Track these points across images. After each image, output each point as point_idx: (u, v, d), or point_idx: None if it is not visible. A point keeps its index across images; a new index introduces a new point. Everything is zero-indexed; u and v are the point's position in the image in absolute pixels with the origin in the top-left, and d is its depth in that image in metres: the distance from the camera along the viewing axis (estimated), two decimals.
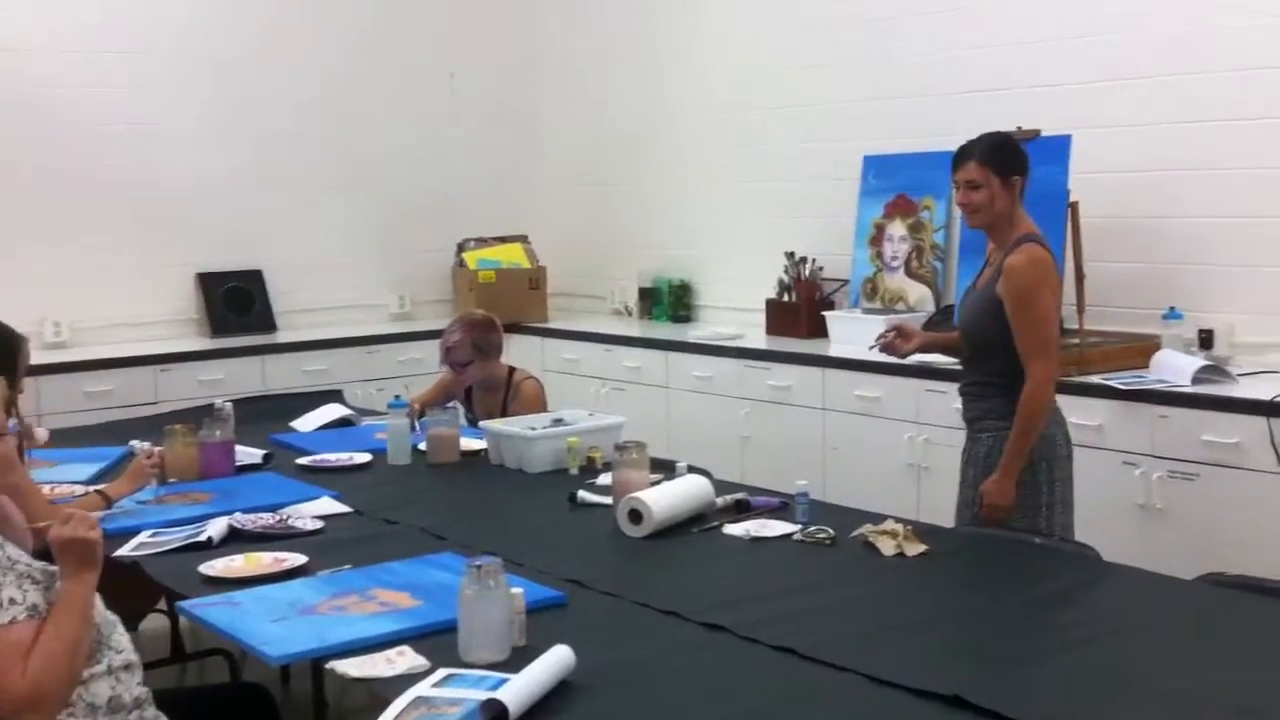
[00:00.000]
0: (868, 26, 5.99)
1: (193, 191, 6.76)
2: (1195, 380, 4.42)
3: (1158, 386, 4.44)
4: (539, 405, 4.87)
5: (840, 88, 6.12)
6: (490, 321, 4.98)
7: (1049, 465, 3.71)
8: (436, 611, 2.72)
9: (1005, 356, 3.69)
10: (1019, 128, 5.02)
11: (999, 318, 3.68)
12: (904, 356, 4.15)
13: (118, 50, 6.54)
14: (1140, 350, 4.73)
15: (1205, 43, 4.82)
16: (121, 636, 2.58)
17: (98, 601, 2.53)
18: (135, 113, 6.59)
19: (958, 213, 5.45)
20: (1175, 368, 4.52)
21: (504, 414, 4.84)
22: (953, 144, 5.51)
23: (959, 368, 4.86)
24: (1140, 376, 4.53)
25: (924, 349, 4.12)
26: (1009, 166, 3.74)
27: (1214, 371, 4.48)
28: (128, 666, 2.56)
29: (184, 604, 2.90)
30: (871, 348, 4.18)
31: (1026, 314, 3.64)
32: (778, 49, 6.41)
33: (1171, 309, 4.78)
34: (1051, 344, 3.70)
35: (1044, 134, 4.85)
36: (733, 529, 3.37)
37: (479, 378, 4.94)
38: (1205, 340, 4.79)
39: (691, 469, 3.75)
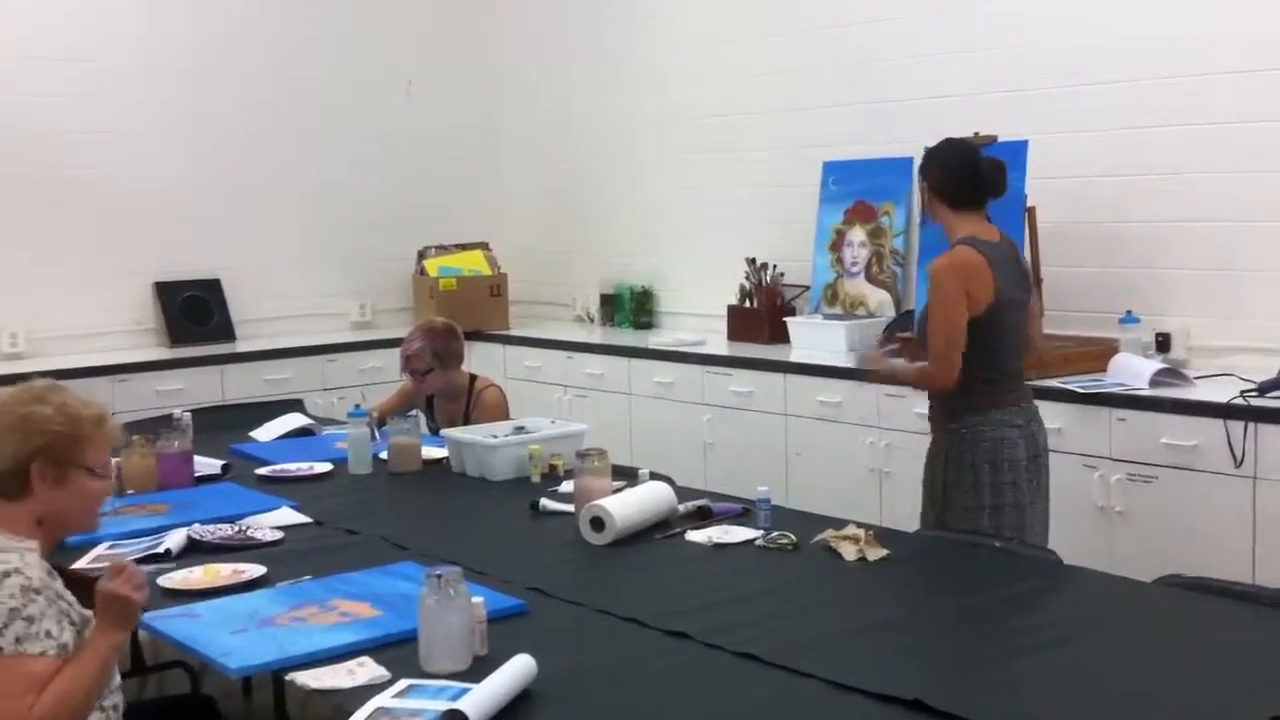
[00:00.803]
0: (826, 34, 6.01)
1: (150, 200, 6.71)
2: (1153, 383, 4.45)
3: (1116, 390, 4.47)
4: (501, 413, 4.86)
5: (800, 94, 6.14)
6: (450, 329, 4.96)
7: (992, 468, 3.73)
8: (397, 621, 2.71)
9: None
10: (976, 133, 5.05)
11: None
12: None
13: (74, 58, 6.48)
14: (1098, 354, 4.77)
15: (1161, 48, 4.86)
16: (117, 676, 2.59)
17: None
18: (91, 121, 6.54)
19: (917, 218, 5.51)
20: (1133, 371, 4.55)
21: (466, 422, 4.83)
22: (911, 150, 5.60)
23: None
24: (1098, 380, 4.57)
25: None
26: (927, 172, 3.92)
27: (1171, 375, 4.52)
28: (116, 706, 2.58)
29: (143, 616, 2.87)
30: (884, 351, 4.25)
31: (930, 316, 3.77)
32: (737, 56, 6.42)
33: (1129, 313, 4.82)
34: (946, 350, 3.70)
35: (1001, 139, 4.87)
36: (695, 535, 3.37)
37: (439, 386, 4.92)
38: (1162, 343, 4.83)
39: (654, 476, 3.75)
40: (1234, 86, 4.68)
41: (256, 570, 3.14)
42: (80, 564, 3.23)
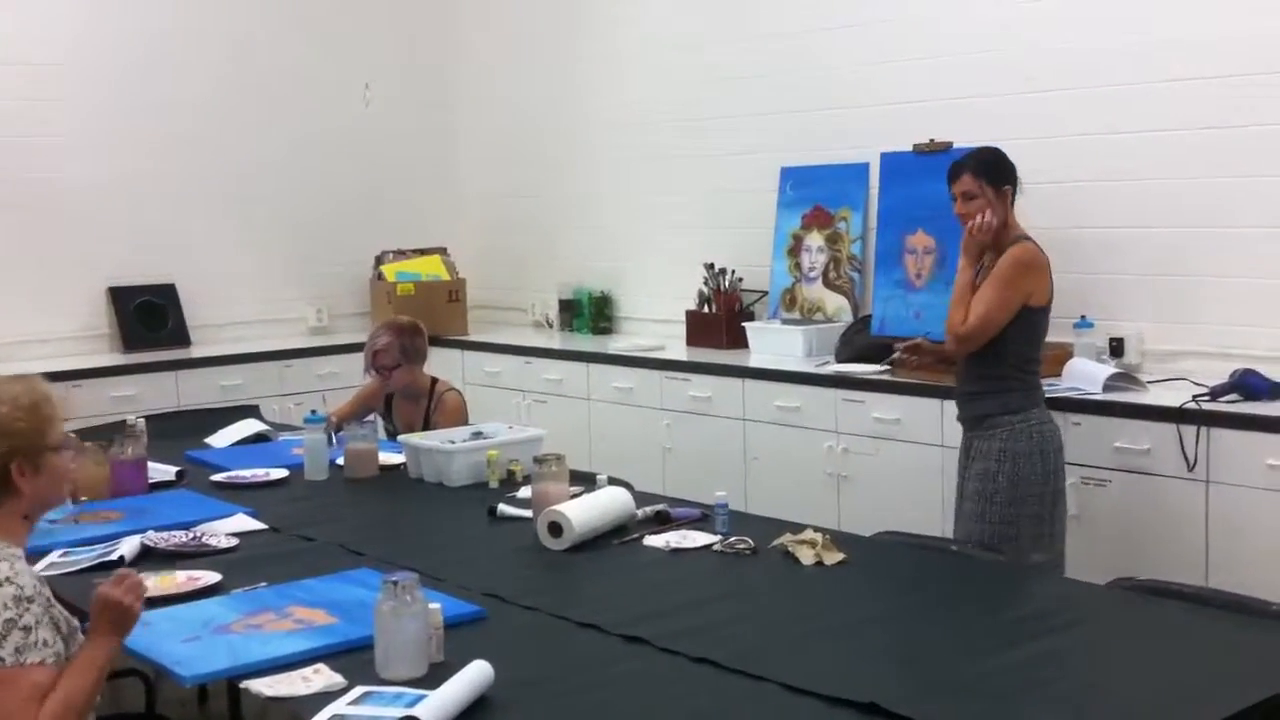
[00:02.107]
0: (784, 40, 6.03)
1: (103, 204, 6.65)
2: (1106, 388, 4.49)
3: (1070, 394, 4.50)
4: (461, 416, 4.86)
5: (757, 100, 6.16)
6: (416, 326, 4.97)
7: (1055, 455, 4.03)
8: (353, 629, 2.69)
9: (1007, 352, 3.95)
10: (932, 140, 5.10)
11: None
12: (916, 368, 4.63)
13: (20, 61, 6.40)
14: (1052, 358, 4.79)
15: (1117, 56, 4.90)
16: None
17: None
18: (40, 124, 6.46)
19: (874, 223, 5.54)
20: (1087, 375, 4.59)
21: (426, 424, 4.83)
22: (868, 156, 5.65)
23: (881, 377, 4.98)
24: (1053, 384, 4.60)
25: (936, 361, 4.45)
26: (1000, 177, 4.05)
27: (1125, 379, 4.56)
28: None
29: None
30: (893, 360, 4.60)
31: (984, 296, 3.93)
32: (695, 61, 6.43)
33: (1083, 318, 4.86)
34: (979, 331, 3.94)
35: (956, 146, 4.91)
36: (653, 540, 3.37)
37: (404, 383, 4.91)
38: (1116, 348, 4.87)
39: (612, 481, 3.75)
40: (1187, 96, 4.72)
41: (212, 577, 3.12)
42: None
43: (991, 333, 3.93)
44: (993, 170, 4.05)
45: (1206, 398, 4.25)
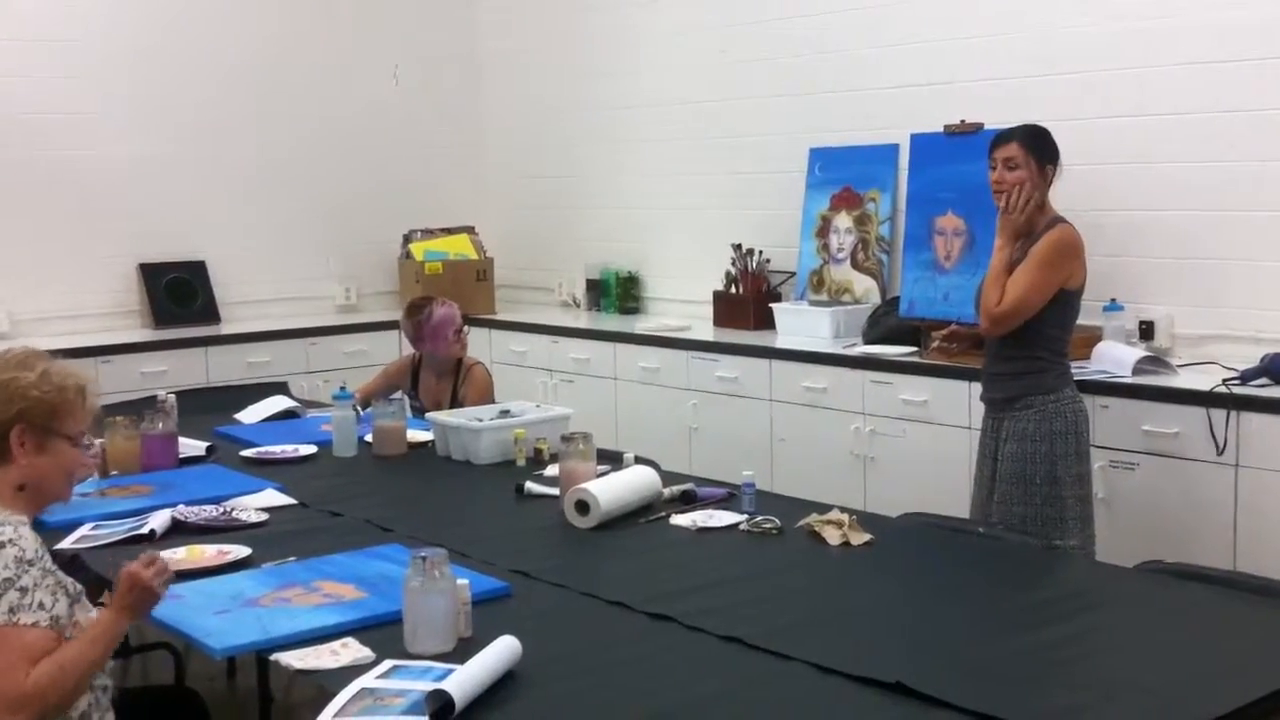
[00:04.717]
0: (813, 20, 6.00)
1: (134, 182, 6.69)
2: (1136, 371, 4.47)
3: (1099, 377, 4.48)
4: (488, 390, 4.92)
5: (786, 80, 6.13)
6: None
7: (1086, 436, 4.02)
8: (381, 604, 2.71)
9: (1041, 334, 3.92)
10: (963, 120, 5.08)
11: None
12: (955, 354, 4.61)
13: (52, 38, 6.44)
14: (1081, 341, 4.76)
15: (1138, 38, 4.86)
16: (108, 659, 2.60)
17: None
18: (72, 102, 6.51)
19: (903, 205, 5.52)
20: (1116, 359, 4.57)
21: (454, 398, 4.86)
22: (897, 137, 5.63)
23: (909, 359, 4.98)
24: (1082, 367, 4.57)
25: (972, 345, 4.42)
26: (1046, 154, 4.00)
27: (1154, 362, 4.54)
28: (105, 688, 2.59)
29: None
30: (934, 348, 4.65)
31: (1021, 279, 3.88)
32: (723, 41, 6.41)
33: (1112, 301, 4.84)
34: (1014, 311, 3.90)
35: (987, 127, 4.88)
36: (679, 520, 3.38)
37: (462, 352, 5.01)
38: (1146, 331, 4.85)
39: (639, 460, 3.76)
40: (1212, 78, 4.68)
41: (241, 551, 3.14)
42: (65, 544, 3.23)
43: (1027, 315, 3.90)
44: (1040, 146, 4.00)
45: (1236, 381, 4.23)
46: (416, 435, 4.41)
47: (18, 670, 2.36)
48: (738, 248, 6.18)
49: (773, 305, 5.99)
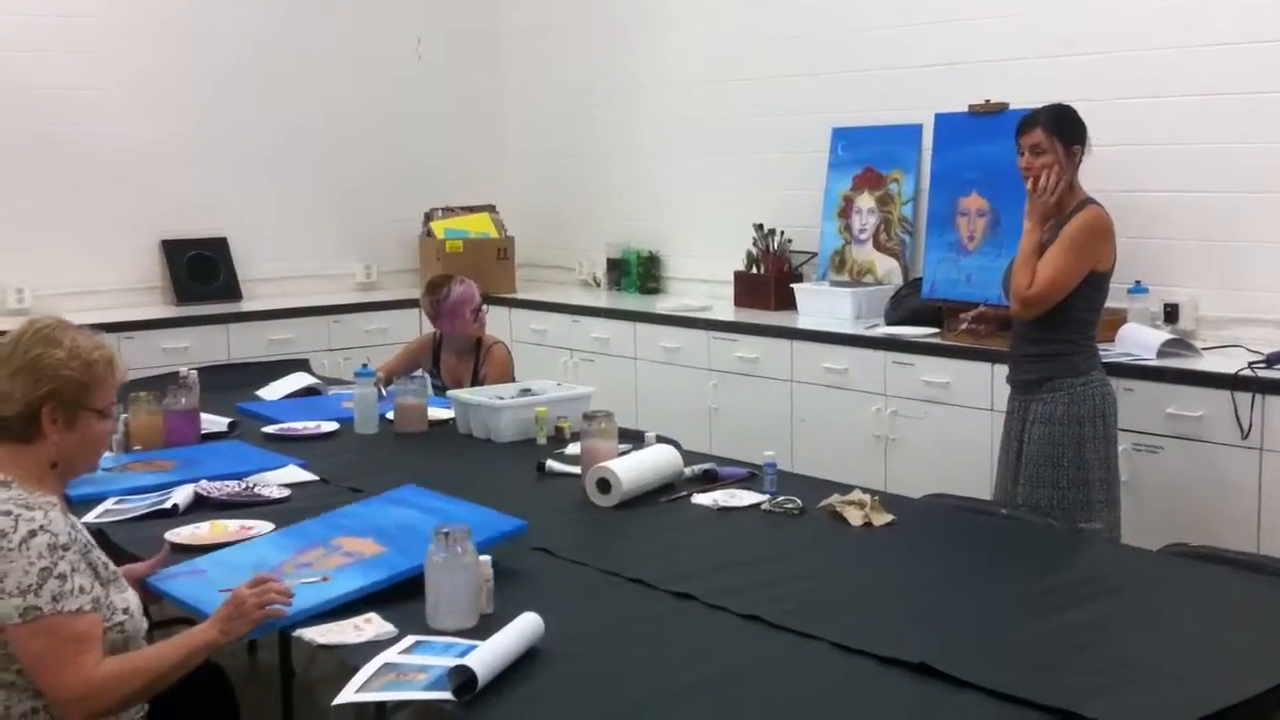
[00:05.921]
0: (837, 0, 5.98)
1: (156, 159, 6.70)
2: (1160, 354, 4.45)
3: (1123, 360, 4.46)
4: (508, 369, 4.92)
5: (808, 60, 6.10)
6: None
7: (1114, 419, 3.96)
8: (402, 559, 2.73)
9: (1070, 317, 3.89)
10: (988, 100, 5.04)
11: None
12: (984, 336, 4.48)
13: (76, 14, 6.45)
14: (1106, 324, 4.73)
15: (1166, 18, 4.82)
16: None
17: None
18: (94, 79, 6.52)
19: (926, 185, 5.49)
20: (1141, 342, 4.55)
21: (475, 377, 4.86)
22: (921, 117, 5.59)
23: (931, 340, 4.96)
24: (1106, 349, 4.55)
25: (1000, 327, 4.37)
26: (1072, 135, 3.94)
27: (1179, 345, 4.51)
28: None
29: (150, 579, 2.86)
30: (963, 330, 4.51)
31: (1060, 254, 3.84)
32: (745, 20, 6.38)
33: (1137, 283, 4.81)
34: (1044, 295, 3.85)
35: (1012, 107, 4.85)
36: (701, 499, 3.38)
37: (481, 330, 5.03)
38: (1170, 314, 4.82)
39: (660, 439, 3.75)
40: (1237, 59, 4.64)
41: (264, 526, 3.15)
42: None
43: (1057, 298, 3.85)
44: (1066, 127, 3.95)
45: (1261, 365, 4.20)
46: (437, 413, 4.42)
47: (84, 659, 2.36)
48: (759, 227, 6.17)
49: (794, 286, 5.97)
